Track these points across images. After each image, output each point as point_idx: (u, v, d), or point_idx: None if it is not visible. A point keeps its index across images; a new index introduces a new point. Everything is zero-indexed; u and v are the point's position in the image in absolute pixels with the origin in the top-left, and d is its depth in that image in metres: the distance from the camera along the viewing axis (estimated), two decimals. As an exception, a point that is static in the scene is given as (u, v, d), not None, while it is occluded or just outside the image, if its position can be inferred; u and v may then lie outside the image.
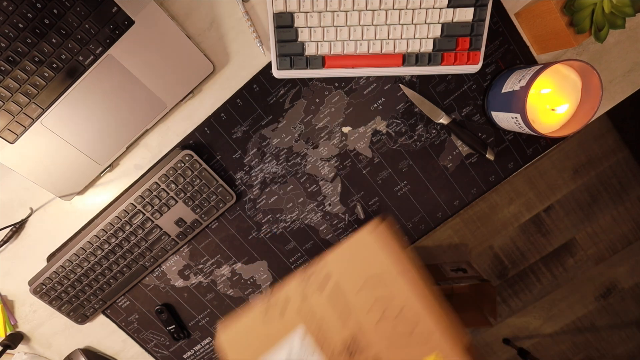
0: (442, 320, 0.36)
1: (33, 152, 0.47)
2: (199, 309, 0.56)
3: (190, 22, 0.46)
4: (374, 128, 0.50)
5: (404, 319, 0.37)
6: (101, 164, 0.48)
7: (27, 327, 0.57)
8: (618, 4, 0.39)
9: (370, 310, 0.37)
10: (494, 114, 0.47)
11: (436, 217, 0.53)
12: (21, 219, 0.52)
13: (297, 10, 0.42)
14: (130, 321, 0.56)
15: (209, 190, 0.49)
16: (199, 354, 0.59)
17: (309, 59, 0.44)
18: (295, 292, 0.40)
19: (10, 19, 0.40)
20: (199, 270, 0.55)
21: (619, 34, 0.47)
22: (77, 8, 0.41)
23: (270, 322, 0.40)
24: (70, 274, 0.51)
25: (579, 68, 0.41)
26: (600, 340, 1.47)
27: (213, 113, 0.49)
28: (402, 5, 0.42)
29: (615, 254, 1.42)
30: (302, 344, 0.39)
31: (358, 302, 0.38)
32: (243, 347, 0.42)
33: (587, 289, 1.44)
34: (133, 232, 0.50)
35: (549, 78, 0.43)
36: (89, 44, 0.43)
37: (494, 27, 0.47)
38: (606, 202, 1.37)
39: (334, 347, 0.38)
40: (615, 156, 1.33)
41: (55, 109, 0.45)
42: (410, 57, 0.44)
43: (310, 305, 0.39)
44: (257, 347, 0.41)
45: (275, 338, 0.40)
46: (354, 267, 0.38)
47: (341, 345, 0.38)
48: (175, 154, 0.48)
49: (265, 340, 0.41)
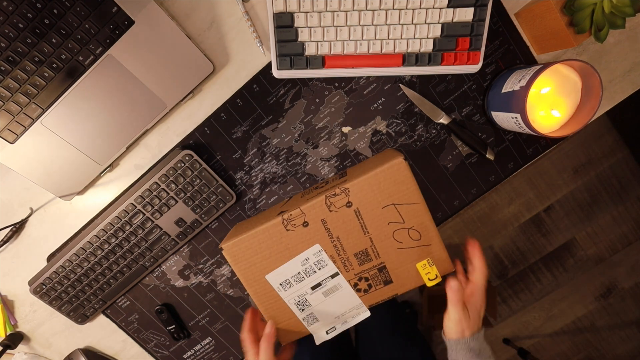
0: (440, 242, 0.44)
1: (33, 152, 0.47)
2: (199, 309, 0.56)
3: (190, 22, 0.46)
4: (374, 128, 0.50)
5: (411, 236, 0.43)
6: (101, 164, 0.48)
7: (27, 327, 0.57)
8: (618, 4, 0.39)
9: (384, 228, 0.43)
10: (494, 114, 0.47)
11: (436, 217, 0.53)
12: (21, 219, 0.52)
13: (297, 10, 0.42)
14: (130, 321, 0.56)
15: (209, 190, 0.49)
16: (199, 354, 0.59)
17: (309, 59, 0.44)
18: (314, 210, 0.42)
19: (10, 19, 0.40)
20: (199, 270, 0.55)
21: (619, 34, 0.47)
22: (77, 8, 0.41)
23: (287, 236, 0.43)
24: (71, 274, 0.51)
25: (579, 68, 0.41)
26: (600, 340, 1.47)
27: (213, 113, 0.49)
28: (402, 5, 0.42)
29: (615, 254, 1.42)
30: (317, 256, 0.44)
31: (374, 221, 0.42)
32: (254, 258, 0.44)
33: (587, 289, 1.44)
34: (133, 232, 0.50)
35: (549, 78, 0.43)
36: (89, 44, 0.43)
37: (494, 27, 0.47)
38: (606, 202, 1.37)
39: (346, 259, 0.44)
40: (615, 156, 1.33)
41: (55, 109, 0.45)
42: (410, 57, 0.44)
43: (329, 221, 0.42)
44: (270, 260, 0.44)
45: (290, 252, 0.43)
46: (374, 193, 0.41)
47: (352, 257, 0.44)
48: (175, 154, 0.48)
49: (279, 253, 0.43)
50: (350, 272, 0.44)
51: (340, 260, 0.44)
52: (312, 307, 0.46)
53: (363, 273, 0.45)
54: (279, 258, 0.43)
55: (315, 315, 0.46)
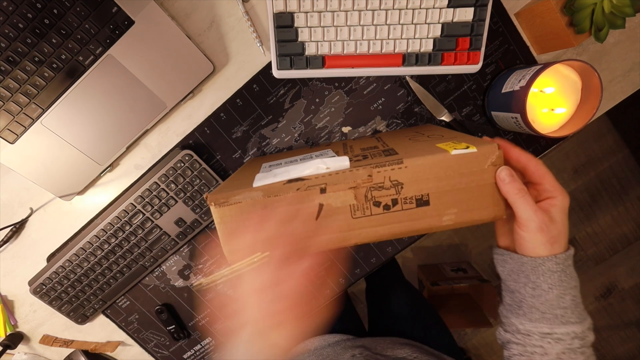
0: None
1: (33, 152, 0.47)
2: (199, 309, 0.56)
3: (190, 22, 0.46)
4: (374, 128, 0.50)
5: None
6: (101, 164, 0.48)
7: (27, 327, 0.57)
8: (618, 4, 0.39)
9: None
10: (494, 114, 0.47)
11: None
12: (21, 219, 0.52)
13: (297, 10, 0.42)
14: (130, 321, 0.56)
15: (209, 190, 0.49)
16: (199, 354, 0.59)
17: (309, 59, 0.44)
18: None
19: (10, 19, 0.40)
20: (199, 270, 0.55)
21: (619, 34, 0.47)
22: (77, 8, 0.41)
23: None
24: (70, 274, 0.51)
25: (579, 68, 0.41)
26: (600, 340, 1.47)
27: (213, 113, 0.49)
28: (402, 5, 0.42)
29: (615, 254, 1.42)
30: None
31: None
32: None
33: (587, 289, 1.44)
34: (133, 232, 0.50)
35: (549, 78, 0.43)
36: (89, 44, 0.43)
37: (494, 27, 0.47)
38: (606, 202, 1.37)
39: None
40: (615, 156, 1.33)
41: (55, 109, 0.45)
42: (410, 57, 0.44)
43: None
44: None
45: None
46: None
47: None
48: (175, 154, 0.48)
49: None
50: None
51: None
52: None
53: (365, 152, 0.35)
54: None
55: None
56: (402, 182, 0.30)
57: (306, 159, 0.38)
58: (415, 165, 0.29)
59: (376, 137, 0.43)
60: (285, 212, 0.30)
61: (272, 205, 0.30)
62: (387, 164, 0.30)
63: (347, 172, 0.30)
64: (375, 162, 0.31)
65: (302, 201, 0.30)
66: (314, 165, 0.32)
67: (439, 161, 0.29)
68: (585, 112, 0.42)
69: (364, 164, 0.31)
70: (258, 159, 0.48)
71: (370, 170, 0.30)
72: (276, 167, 0.38)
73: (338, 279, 0.56)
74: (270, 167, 0.38)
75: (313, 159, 0.36)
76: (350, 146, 0.41)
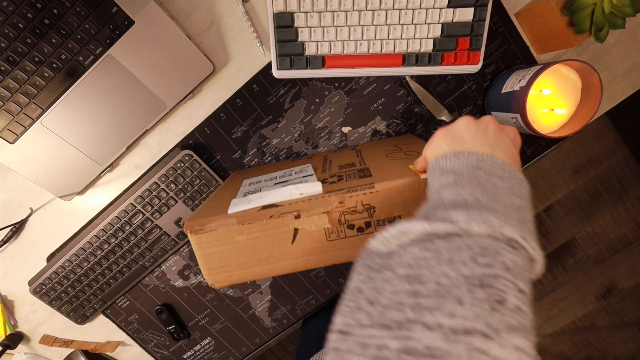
0: None
1: (33, 152, 0.47)
2: (199, 309, 0.56)
3: (190, 22, 0.46)
4: (374, 128, 0.50)
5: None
6: (101, 164, 0.48)
7: (27, 327, 0.57)
8: (618, 4, 0.39)
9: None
10: (494, 114, 0.47)
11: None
12: (21, 219, 0.52)
13: (297, 10, 0.42)
14: (130, 321, 0.56)
15: (208, 190, 0.49)
16: (199, 354, 0.59)
17: (309, 59, 0.44)
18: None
19: (10, 19, 0.40)
20: (199, 270, 0.54)
21: (619, 34, 0.47)
22: (77, 8, 0.41)
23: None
24: (70, 274, 0.51)
25: (579, 68, 0.41)
26: (600, 340, 1.47)
27: (213, 113, 0.49)
28: (402, 5, 0.42)
29: (615, 254, 1.42)
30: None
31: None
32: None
33: (587, 289, 1.44)
34: (133, 232, 0.50)
35: (549, 78, 0.43)
36: (89, 44, 0.43)
37: (494, 27, 0.47)
38: (606, 202, 1.37)
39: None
40: (615, 156, 1.33)
41: (55, 109, 0.45)
42: (410, 57, 0.44)
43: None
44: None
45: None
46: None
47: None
48: (175, 154, 0.48)
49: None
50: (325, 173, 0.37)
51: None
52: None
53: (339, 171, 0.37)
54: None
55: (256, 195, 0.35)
56: (374, 206, 0.32)
57: (285, 175, 0.41)
58: (386, 189, 0.31)
59: (356, 151, 0.45)
60: (261, 237, 0.32)
61: (248, 232, 0.32)
62: (359, 188, 0.32)
63: (319, 198, 0.32)
64: (348, 186, 0.33)
65: (277, 226, 0.31)
66: (287, 191, 0.34)
67: (409, 186, 0.31)
68: (585, 112, 0.42)
69: (336, 188, 0.33)
70: (240, 173, 0.49)
71: (342, 197, 0.31)
72: (256, 184, 0.40)
73: (338, 279, 0.56)
74: (250, 184, 0.41)
75: (292, 175, 0.39)
76: (330, 161, 0.42)
